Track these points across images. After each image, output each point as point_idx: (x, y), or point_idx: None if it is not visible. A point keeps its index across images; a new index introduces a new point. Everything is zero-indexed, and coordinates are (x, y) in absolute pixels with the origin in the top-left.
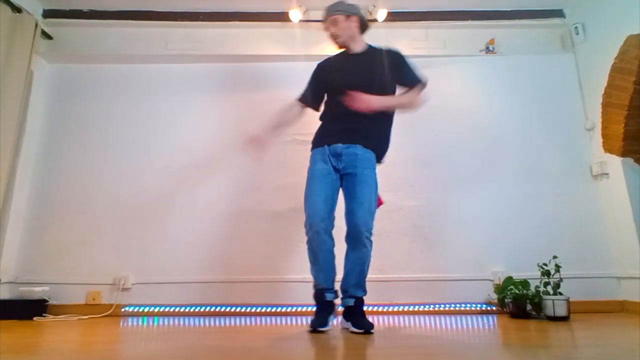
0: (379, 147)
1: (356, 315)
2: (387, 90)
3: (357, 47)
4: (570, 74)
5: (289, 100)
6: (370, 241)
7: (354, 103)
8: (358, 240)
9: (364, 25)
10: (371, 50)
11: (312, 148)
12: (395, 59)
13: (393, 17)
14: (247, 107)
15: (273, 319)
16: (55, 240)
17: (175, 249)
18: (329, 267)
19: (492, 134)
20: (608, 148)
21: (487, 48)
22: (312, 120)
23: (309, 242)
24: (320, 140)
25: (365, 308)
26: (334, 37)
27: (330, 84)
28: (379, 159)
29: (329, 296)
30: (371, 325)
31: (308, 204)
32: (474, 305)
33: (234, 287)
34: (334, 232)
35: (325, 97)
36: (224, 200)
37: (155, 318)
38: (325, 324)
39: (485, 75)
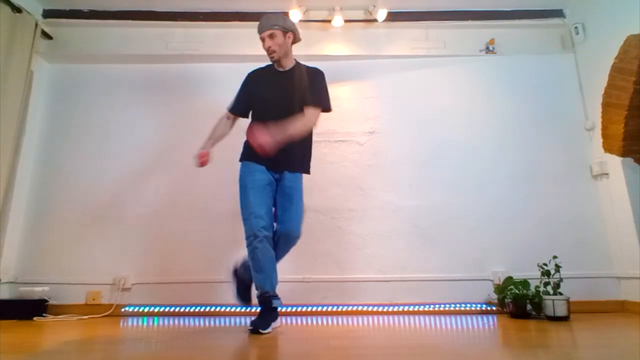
0: (305, 165)
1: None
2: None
3: (288, 64)
4: (570, 74)
5: None
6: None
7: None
8: (293, 244)
9: (296, 40)
10: (297, 68)
11: (245, 160)
12: (312, 78)
13: (393, 17)
14: None
15: None
16: (55, 240)
17: (175, 249)
18: (274, 275)
19: (492, 133)
20: (608, 148)
21: (487, 48)
22: None
23: (252, 252)
24: (253, 156)
25: (365, 308)
26: (270, 52)
27: (258, 100)
28: (306, 171)
29: (275, 302)
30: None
31: (251, 216)
32: (474, 305)
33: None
34: None
35: (254, 111)
36: (223, 200)
37: (155, 318)
38: (267, 327)
39: (485, 75)
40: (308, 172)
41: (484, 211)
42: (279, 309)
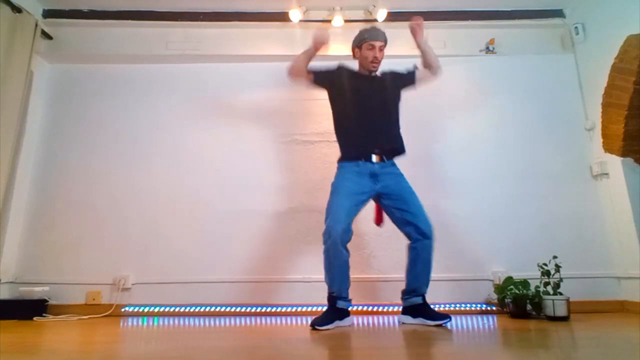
0: (402, 150)
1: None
2: (396, 107)
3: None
4: (570, 74)
5: (292, 99)
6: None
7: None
8: (429, 248)
9: None
10: (382, 74)
11: (343, 161)
12: (392, 75)
13: (393, 17)
14: (247, 107)
15: (273, 319)
16: (55, 240)
17: (175, 249)
18: (343, 277)
19: (492, 134)
20: (608, 148)
21: (487, 48)
22: (313, 120)
23: (326, 252)
24: (352, 153)
25: (364, 308)
26: (376, 62)
27: (353, 98)
28: (402, 149)
29: (340, 303)
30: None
31: (331, 215)
32: (474, 305)
33: (235, 287)
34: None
35: (348, 111)
36: (224, 200)
37: (155, 318)
38: (324, 324)
39: (485, 75)
40: (404, 151)
41: (483, 211)
42: (349, 308)
